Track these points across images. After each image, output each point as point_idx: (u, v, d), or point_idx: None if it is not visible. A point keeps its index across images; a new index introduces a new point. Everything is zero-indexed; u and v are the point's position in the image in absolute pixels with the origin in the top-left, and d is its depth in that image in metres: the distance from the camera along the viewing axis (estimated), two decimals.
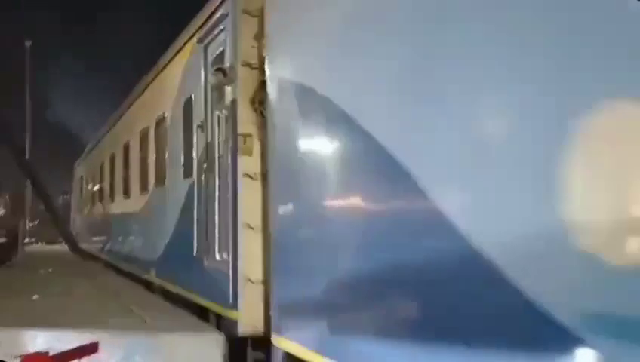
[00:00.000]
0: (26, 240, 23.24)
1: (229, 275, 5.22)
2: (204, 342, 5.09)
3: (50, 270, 11.37)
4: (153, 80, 9.25)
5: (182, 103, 7.13)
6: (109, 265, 12.03)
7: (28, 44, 30.47)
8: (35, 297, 6.97)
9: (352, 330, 3.60)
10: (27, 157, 22.34)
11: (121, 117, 12.41)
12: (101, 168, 14.75)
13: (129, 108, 11.47)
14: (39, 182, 19.84)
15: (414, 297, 3.11)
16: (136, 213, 9.96)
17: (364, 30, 3.57)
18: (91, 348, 4.76)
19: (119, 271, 10.89)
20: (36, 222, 35.43)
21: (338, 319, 3.78)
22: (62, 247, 21.41)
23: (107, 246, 13.45)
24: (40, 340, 4.96)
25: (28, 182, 23.50)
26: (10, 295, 7.58)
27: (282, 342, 4.34)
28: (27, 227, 28.48)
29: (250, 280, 5.04)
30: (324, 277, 3.89)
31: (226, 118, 5.61)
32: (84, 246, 16.93)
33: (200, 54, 6.42)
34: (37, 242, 29.44)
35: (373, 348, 3.36)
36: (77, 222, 21.38)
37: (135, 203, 10.07)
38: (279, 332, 4.39)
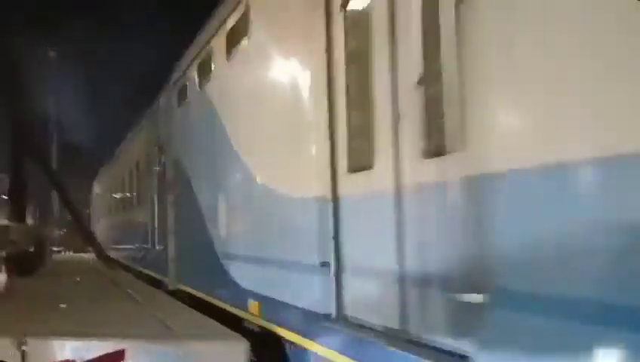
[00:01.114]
0: (54, 249, 23.53)
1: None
2: (230, 348, 5.11)
3: (77, 279, 11.52)
4: (137, 131, 14.05)
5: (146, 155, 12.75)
6: (127, 267, 14.86)
7: (52, 54, 30.85)
8: (62, 306, 7.06)
9: None
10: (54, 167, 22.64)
11: (121, 152, 17.48)
12: (112, 188, 19.80)
13: (127, 145, 15.96)
14: (65, 191, 20.12)
15: None
16: (128, 224, 15.78)
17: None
18: (118, 356, 4.81)
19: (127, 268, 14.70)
20: (63, 231, 35.91)
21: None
22: (88, 256, 21.68)
23: (114, 248, 18.45)
24: (68, 349, 5.03)
25: (54, 192, 23.82)
26: (38, 304, 7.70)
27: None
28: (55, 236, 28.87)
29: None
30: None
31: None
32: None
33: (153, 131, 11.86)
34: (65, 251, 29.83)
35: None
36: (96, 231, 23.74)
37: (129, 216, 15.41)
38: None
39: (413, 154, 3.48)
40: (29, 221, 21.20)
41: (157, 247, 11.09)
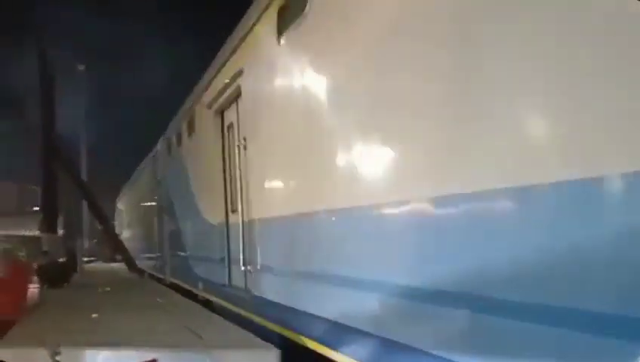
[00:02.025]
0: (85, 259, 23.81)
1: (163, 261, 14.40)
2: (260, 357, 5.12)
3: (107, 289, 11.64)
4: (146, 163, 17.49)
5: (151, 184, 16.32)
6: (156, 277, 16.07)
7: (81, 67, 31.31)
8: (94, 316, 7.14)
9: None
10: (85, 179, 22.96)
11: (136, 178, 20.89)
12: (130, 208, 24.54)
13: (140, 173, 19.37)
14: (95, 202, 20.37)
15: None
16: (142, 237, 19.81)
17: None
18: None
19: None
20: (94, 241, 36.34)
21: None
22: (118, 266, 21.92)
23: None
24: (101, 358, 5.10)
25: (84, 203, 24.15)
26: (70, 314, 7.80)
27: None
28: (85, 246, 29.21)
29: None
30: None
31: None
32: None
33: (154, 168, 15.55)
34: (95, 261, 30.15)
35: None
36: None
37: (142, 231, 19.52)
38: None
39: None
40: (60, 232, 21.49)
41: (158, 254, 15.40)
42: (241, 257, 7.03)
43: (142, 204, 18.97)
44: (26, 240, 18.41)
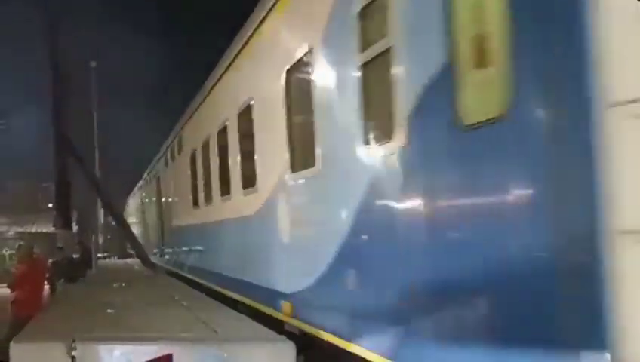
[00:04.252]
0: (99, 255, 23.98)
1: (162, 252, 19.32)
2: (276, 350, 5.11)
3: (122, 284, 11.68)
4: (151, 169, 20.37)
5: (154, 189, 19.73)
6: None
7: (93, 64, 31.39)
8: (109, 311, 7.16)
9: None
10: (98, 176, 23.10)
11: (144, 179, 23.27)
12: (138, 206, 26.51)
13: (147, 177, 22.00)
14: (109, 198, 20.50)
15: None
16: (149, 233, 22.45)
17: None
18: (165, 360, 4.85)
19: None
20: (108, 237, 36.58)
21: None
22: (132, 261, 22.05)
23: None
24: (117, 353, 5.09)
25: (98, 200, 24.32)
26: (85, 309, 7.82)
27: None
28: (99, 242, 29.43)
29: None
30: None
31: None
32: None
33: (156, 175, 18.89)
34: (109, 257, 30.34)
35: None
36: None
37: (149, 227, 22.22)
38: None
39: None
40: (75, 228, 21.65)
41: (160, 248, 18.36)
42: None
43: (147, 205, 23.29)
44: (42, 236, 18.58)
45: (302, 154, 5.73)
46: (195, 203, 11.50)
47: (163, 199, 16.99)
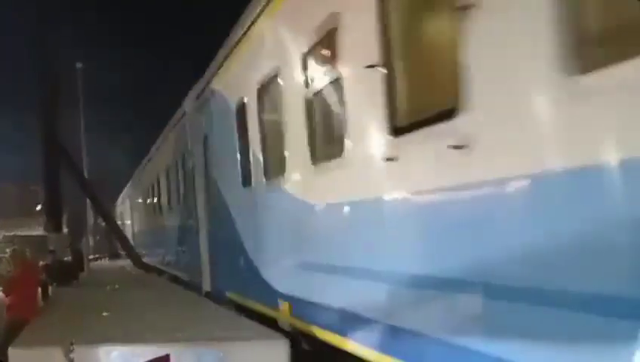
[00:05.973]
0: (90, 256, 23.94)
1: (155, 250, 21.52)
2: (271, 348, 5.22)
3: (116, 286, 11.74)
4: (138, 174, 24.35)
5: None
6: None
7: (79, 65, 31.12)
8: (105, 314, 7.23)
9: None
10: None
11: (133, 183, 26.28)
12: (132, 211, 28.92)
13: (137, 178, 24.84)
14: (99, 200, 20.48)
15: None
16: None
17: None
18: (163, 361, 4.95)
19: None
20: (97, 238, 36.45)
21: None
22: (123, 262, 22.06)
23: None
24: (114, 355, 5.18)
25: (87, 201, 24.28)
26: (80, 312, 7.89)
27: None
28: (90, 244, 29.33)
29: None
30: None
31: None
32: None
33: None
34: (100, 258, 30.24)
35: None
36: None
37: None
38: None
39: None
40: (65, 230, 21.60)
41: (154, 249, 19.65)
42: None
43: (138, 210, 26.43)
44: (33, 239, 18.53)
45: None
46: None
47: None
